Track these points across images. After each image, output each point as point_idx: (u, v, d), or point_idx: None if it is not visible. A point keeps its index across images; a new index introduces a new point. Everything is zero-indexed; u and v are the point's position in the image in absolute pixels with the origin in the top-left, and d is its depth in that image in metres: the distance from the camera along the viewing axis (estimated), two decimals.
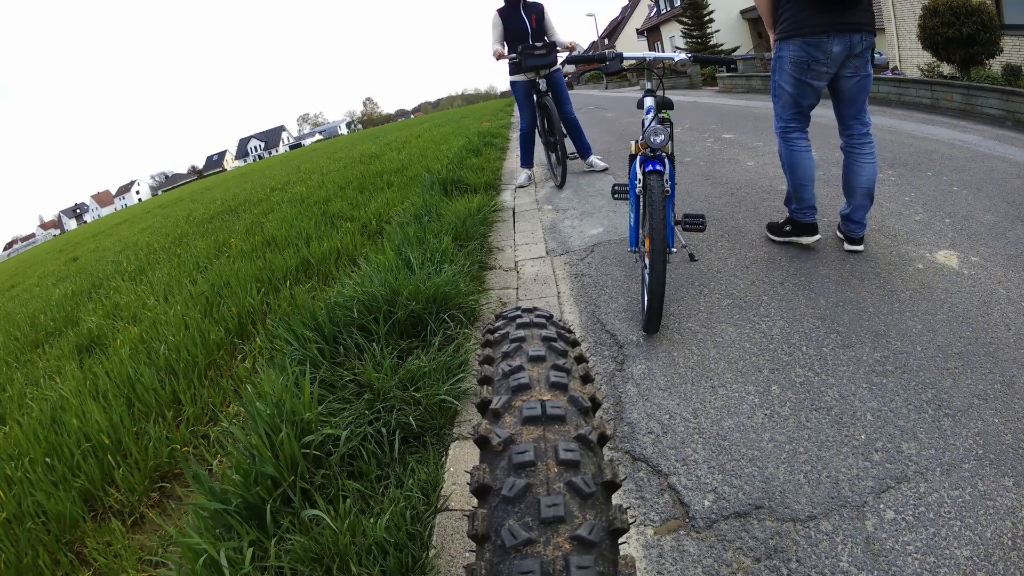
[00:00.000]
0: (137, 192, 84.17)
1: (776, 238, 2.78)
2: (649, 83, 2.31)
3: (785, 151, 2.54)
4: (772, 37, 2.48)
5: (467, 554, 1.26)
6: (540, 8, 4.61)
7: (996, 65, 7.36)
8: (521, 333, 0.76)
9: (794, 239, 2.69)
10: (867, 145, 2.43)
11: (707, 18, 21.05)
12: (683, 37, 22.10)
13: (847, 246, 2.55)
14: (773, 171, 4.02)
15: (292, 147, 72.22)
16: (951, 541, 1.15)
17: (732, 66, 12.80)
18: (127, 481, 1.74)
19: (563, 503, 0.51)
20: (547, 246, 3.37)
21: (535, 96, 4.64)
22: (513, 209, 4.36)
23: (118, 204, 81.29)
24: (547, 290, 2.72)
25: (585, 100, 18.00)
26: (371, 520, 1.31)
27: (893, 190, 3.32)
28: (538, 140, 5.18)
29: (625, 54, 2.32)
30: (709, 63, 2.67)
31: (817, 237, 2.64)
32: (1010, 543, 1.13)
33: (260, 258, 3.82)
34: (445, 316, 2.22)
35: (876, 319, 1.99)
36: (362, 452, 1.55)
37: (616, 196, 2.45)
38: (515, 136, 6.54)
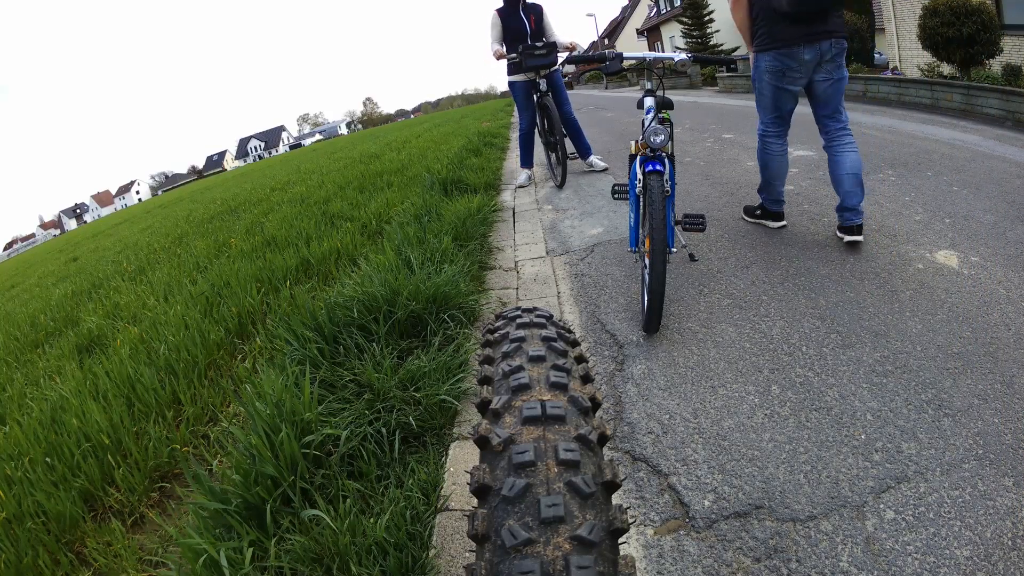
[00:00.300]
0: (137, 192, 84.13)
1: (748, 219, 3.12)
2: (649, 83, 2.31)
3: (761, 152, 2.78)
4: (750, 50, 2.67)
5: (467, 554, 1.26)
6: (539, 9, 4.61)
7: (996, 65, 7.35)
8: (521, 333, 0.76)
9: (762, 222, 3.03)
10: (846, 137, 2.56)
11: (707, 18, 21.04)
12: (683, 37, 22.09)
13: (846, 238, 2.57)
14: None
15: (292, 147, 72.20)
16: (951, 541, 1.15)
17: (732, 66, 12.78)
18: (127, 481, 1.74)
19: (563, 503, 0.51)
20: (547, 246, 3.37)
21: (535, 96, 4.64)
22: (513, 209, 4.36)
23: (118, 204, 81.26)
24: (547, 290, 2.72)
25: (585, 100, 18.00)
26: (371, 520, 1.31)
27: (893, 190, 3.32)
28: (538, 140, 5.17)
29: (625, 54, 2.32)
30: (709, 63, 2.68)
31: (783, 223, 2.95)
32: (1010, 543, 1.13)
33: (260, 258, 3.82)
34: (445, 316, 2.22)
35: (876, 319, 1.99)
36: (362, 452, 1.55)
37: (616, 196, 2.45)
38: (515, 136, 6.55)
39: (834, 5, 2.34)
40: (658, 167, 2.01)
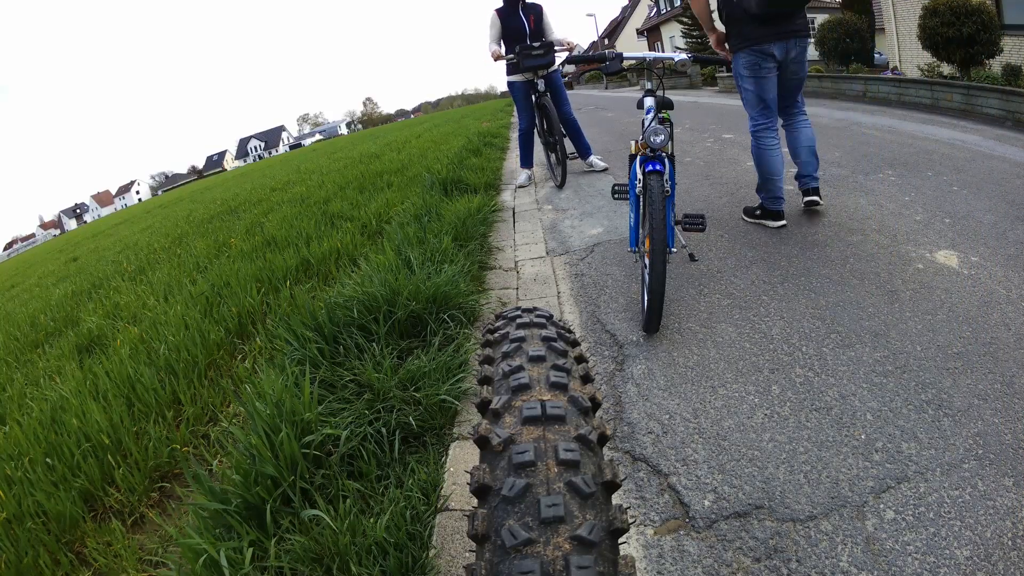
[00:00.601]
0: (137, 192, 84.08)
1: (748, 219, 3.16)
2: (649, 83, 2.31)
3: (756, 149, 2.90)
4: (712, 38, 2.99)
5: (467, 554, 1.26)
6: (539, 9, 4.60)
7: (996, 65, 7.35)
8: (521, 333, 0.76)
9: (762, 222, 3.05)
10: (802, 117, 2.96)
11: None
12: (683, 37, 22.10)
13: (805, 199, 3.00)
14: None
15: (292, 147, 72.12)
16: (951, 541, 1.15)
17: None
18: (127, 481, 1.74)
19: (563, 503, 0.51)
20: (547, 246, 3.37)
21: (533, 96, 4.64)
22: (513, 209, 4.36)
23: (118, 204, 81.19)
24: (547, 290, 2.72)
25: (585, 100, 17.99)
26: (371, 520, 1.31)
27: (893, 190, 3.32)
28: (537, 140, 5.17)
29: (625, 54, 2.32)
30: (709, 63, 2.70)
31: (782, 223, 2.96)
32: (1010, 543, 1.13)
33: (260, 258, 3.82)
34: (445, 316, 2.22)
35: (876, 319, 1.99)
36: (362, 452, 1.55)
37: (616, 196, 2.45)
38: (515, 136, 6.55)
39: (797, 7, 2.65)
40: (658, 167, 2.01)
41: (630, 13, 36.48)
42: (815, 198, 2.97)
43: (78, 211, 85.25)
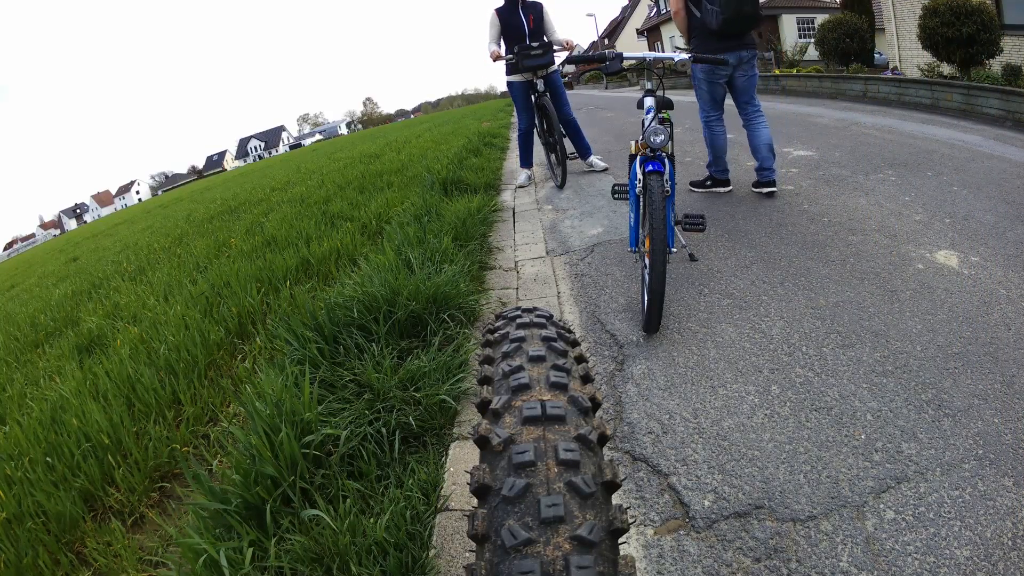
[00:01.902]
0: (137, 192, 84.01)
1: (698, 190, 3.83)
2: (649, 83, 2.31)
3: (709, 134, 3.57)
4: (684, 37, 3.52)
5: (467, 554, 1.26)
6: (539, 8, 4.59)
7: (996, 65, 7.35)
8: (521, 333, 0.76)
9: (713, 190, 3.77)
10: (759, 116, 3.44)
11: None
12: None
13: (764, 190, 3.52)
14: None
15: (292, 147, 72.05)
16: (951, 541, 1.15)
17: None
18: (127, 481, 1.74)
19: (563, 503, 0.51)
20: (547, 246, 3.37)
21: (533, 97, 4.63)
22: (513, 209, 4.36)
23: (118, 204, 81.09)
24: (547, 290, 2.72)
25: (585, 100, 17.99)
26: (371, 520, 1.31)
27: (893, 190, 3.32)
28: (537, 140, 5.17)
29: (625, 54, 2.32)
30: (709, 63, 2.68)
31: (729, 188, 3.74)
32: (1010, 543, 1.13)
33: (260, 258, 3.82)
34: (445, 316, 2.22)
35: (876, 319, 1.99)
36: (362, 452, 1.55)
37: (616, 196, 2.45)
38: (515, 136, 6.55)
39: (747, 29, 3.23)
40: (658, 167, 2.01)
41: (630, 13, 36.47)
42: (773, 189, 3.50)
43: (78, 211, 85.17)
